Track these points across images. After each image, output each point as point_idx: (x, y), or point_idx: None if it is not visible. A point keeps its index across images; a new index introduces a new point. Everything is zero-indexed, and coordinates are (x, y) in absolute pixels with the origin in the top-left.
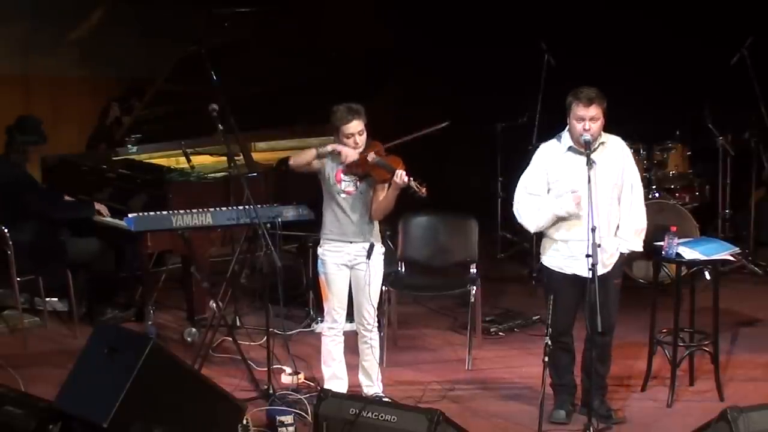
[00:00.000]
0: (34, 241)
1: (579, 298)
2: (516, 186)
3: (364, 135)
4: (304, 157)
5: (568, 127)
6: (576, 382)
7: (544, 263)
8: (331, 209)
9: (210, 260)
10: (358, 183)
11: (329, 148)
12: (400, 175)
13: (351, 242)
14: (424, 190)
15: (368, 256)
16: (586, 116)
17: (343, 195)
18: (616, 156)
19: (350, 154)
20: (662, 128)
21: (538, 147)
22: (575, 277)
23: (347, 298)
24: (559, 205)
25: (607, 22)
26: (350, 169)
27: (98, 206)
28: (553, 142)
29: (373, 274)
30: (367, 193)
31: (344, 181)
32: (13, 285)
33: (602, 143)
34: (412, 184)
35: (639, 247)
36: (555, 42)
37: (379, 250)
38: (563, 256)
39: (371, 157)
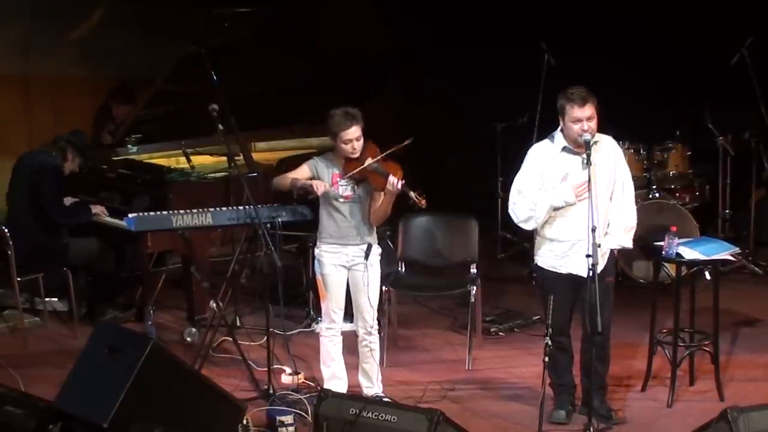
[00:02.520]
0: (36, 241)
1: (574, 297)
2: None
3: (362, 140)
4: (281, 183)
5: (560, 128)
6: (575, 382)
7: (538, 263)
8: (328, 213)
9: (210, 260)
10: (355, 187)
11: (299, 183)
12: (393, 183)
13: (349, 245)
14: (423, 201)
15: (366, 257)
16: (583, 116)
17: (341, 199)
18: (609, 155)
19: (320, 188)
20: (662, 128)
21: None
22: (570, 276)
23: (345, 299)
24: (556, 196)
25: (607, 23)
26: (347, 173)
27: (96, 208)
28: (545, 142)
29: (371, 275)
30: (366, 197)
31: (341, 185)
32: (13, 285)
33: (596, 142)
34: (412, 195)
35: (629, 244)
36: (555, 42)
37: (377, 251)
38: (556, 256)
39: (369, 162)
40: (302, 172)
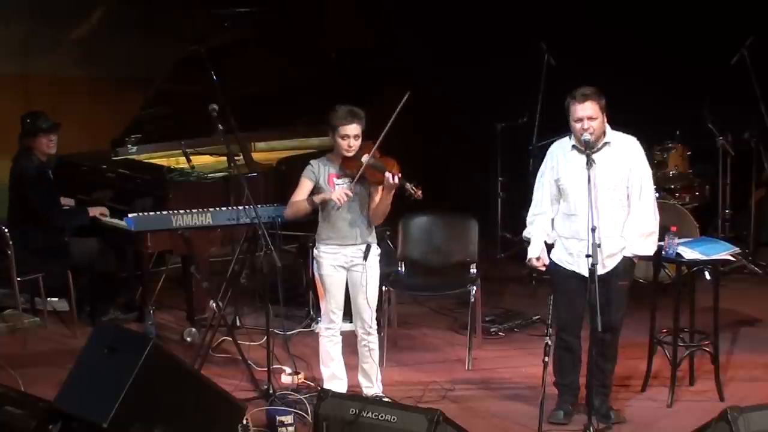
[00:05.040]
0: (37, 242)
1: (583, 295)
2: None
3: (360, 140)
4: (298, 209)
5: None
6: (579, 384)
7: (551, 257)
8: (326, 213)
9: (210, 260)
10: (352, 186)
11: (317, 199)
12: (390, 177)
13: (347, 245)
14: (419, 192)
15: (365, 258)
16: (584, 115)
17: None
18: (622, 156)
19: (341, 197)
20: (662, 128)
21: (538, 147)
22: (575, 274)
23: (344, 299)
24: (533, 243)
25: (607, 23)
26: (344, 171)
27: (94, 211)
28: (565, 138)
29: (370, 275)
30: (363, 195)
31: (338, 185)
32: (13, 285)
33: (607, 143)
34: (408, 186)
35: (647, 251)
36: (555, 42)
37: (376, 251)
38: (570, 254)
39: (365, 158)
40: (305, 187)
